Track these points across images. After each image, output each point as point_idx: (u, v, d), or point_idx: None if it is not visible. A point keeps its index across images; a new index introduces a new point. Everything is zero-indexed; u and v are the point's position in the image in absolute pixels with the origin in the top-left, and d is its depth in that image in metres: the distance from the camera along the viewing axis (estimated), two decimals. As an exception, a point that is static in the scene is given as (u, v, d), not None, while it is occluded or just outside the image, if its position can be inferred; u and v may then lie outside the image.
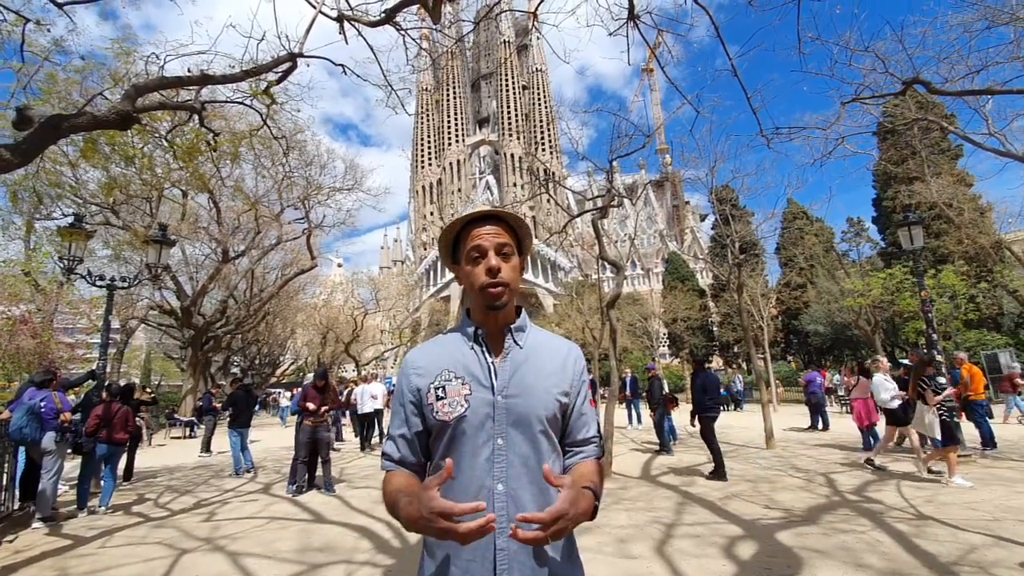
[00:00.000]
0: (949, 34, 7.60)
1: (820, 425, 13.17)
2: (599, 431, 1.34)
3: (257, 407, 23.71)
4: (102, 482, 7.21)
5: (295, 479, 7.70)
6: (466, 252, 1.25)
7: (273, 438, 16.30)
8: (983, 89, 7.38)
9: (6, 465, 6.21)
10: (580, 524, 1.06)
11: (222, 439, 11.67)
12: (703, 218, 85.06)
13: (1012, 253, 20.89)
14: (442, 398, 1.19)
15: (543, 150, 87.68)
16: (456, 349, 1.27)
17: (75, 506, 6.86)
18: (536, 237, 63.51)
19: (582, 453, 1.28)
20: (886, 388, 7.82)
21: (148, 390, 17.01)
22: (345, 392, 13.44)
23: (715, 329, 43.20)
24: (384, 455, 1.28)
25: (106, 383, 8.10)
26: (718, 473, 7.52)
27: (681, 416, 11.28)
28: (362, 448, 12.42)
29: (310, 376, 20.37)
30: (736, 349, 40.12)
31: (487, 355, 1.24)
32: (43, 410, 6.27)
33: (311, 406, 7.63)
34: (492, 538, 1.11)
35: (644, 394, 13.02)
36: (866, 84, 7.52)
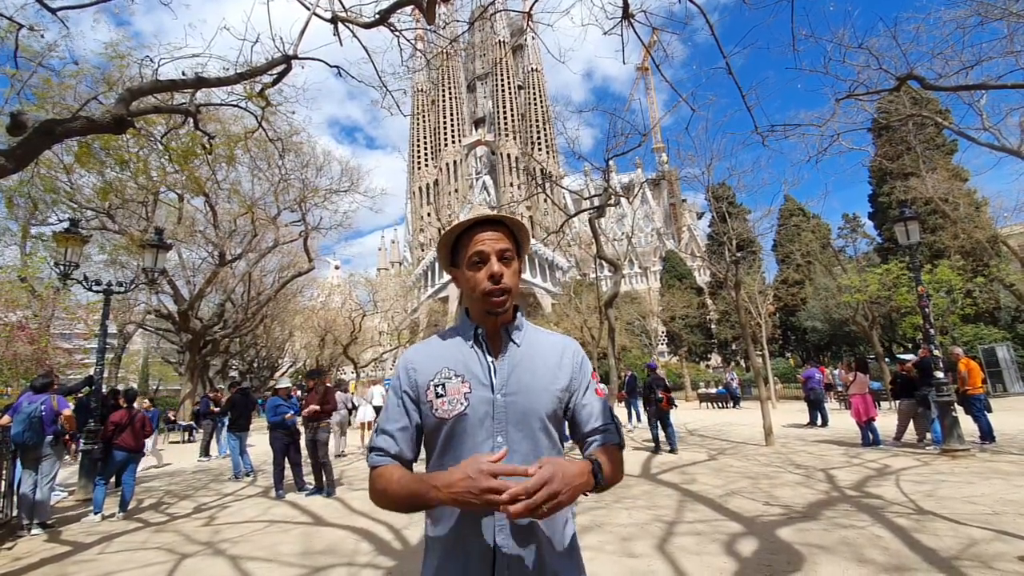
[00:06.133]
0: (942, 30, 7.63)
1: (819, 421, 13.19)
2: (613, 418, 1.30)
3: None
4: (94, 490, 7.04)
5: (290, 484, 7.68)
6: (467, 257, 1.24)
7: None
8: (977, 84, 7.42)
9: (4, 472, 6.18)
10: (578, 495, 1.04)
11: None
12: (700, 216, 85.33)
13: (1008, 247, 20.99)
14: (442, 396, 1.19)
15: (539, 150, 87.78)
16: (456, 348, 1.27)
17: (75, 511, 6.84)
18: (533, 237, 63.52)
19: (596, 441, 1.25)
20: None
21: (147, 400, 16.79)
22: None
23: (713, 326, 43.32)
24: (378, 449, 1.21)
25: (102, 388, 8.05)
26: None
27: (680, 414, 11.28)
28: None
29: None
30: (734, 346, 40.21)
31: (487, 354, 1.24)
32: (43, 413, 6.24)
33: (314, 408, 7.62)
34: (492, 535, 1.11)
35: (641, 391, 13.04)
36: (860, 81, 7.56)
